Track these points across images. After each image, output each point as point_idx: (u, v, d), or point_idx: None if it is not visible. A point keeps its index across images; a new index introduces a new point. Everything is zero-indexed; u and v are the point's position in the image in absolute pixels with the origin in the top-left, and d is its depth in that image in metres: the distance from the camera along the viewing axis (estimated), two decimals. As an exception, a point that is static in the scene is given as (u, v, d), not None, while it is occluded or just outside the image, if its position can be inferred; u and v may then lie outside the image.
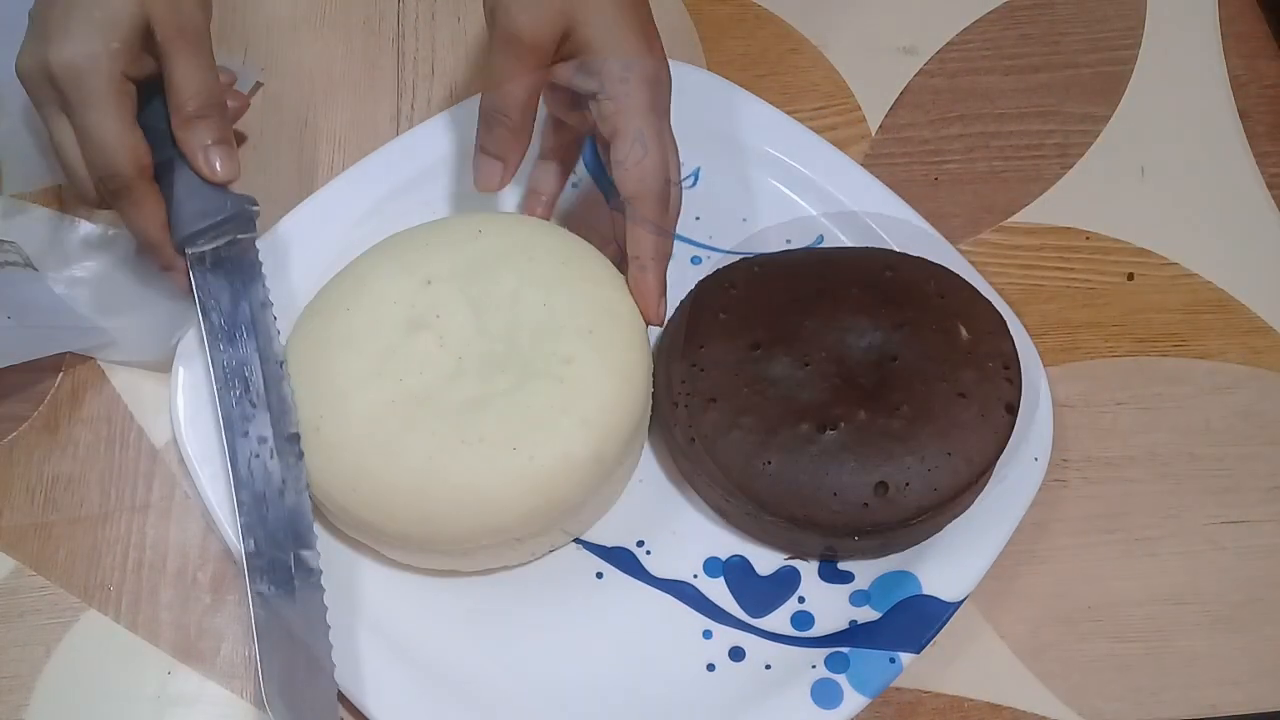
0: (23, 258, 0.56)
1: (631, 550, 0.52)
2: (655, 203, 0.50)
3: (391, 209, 0.57)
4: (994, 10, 0.68)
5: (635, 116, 0.49)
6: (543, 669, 0.49)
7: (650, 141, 0.49)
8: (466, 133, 0.60)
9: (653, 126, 0.50)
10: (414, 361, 0.49)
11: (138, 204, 0.50)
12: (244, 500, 0.48)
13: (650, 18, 0.52)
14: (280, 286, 0.55)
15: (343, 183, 0.58)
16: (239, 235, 0.53)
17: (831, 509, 0.48)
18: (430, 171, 0.59)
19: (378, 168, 0.59)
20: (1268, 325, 0.59)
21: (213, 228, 0.52)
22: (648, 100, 0.49)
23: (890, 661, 0.48)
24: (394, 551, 0.50)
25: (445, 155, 0.59)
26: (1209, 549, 0.53)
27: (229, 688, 0.50)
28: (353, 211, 0.58)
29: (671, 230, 0.52)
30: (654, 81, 0.50)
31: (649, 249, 0.51)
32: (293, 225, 0.57)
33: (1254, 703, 0.50)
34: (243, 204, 0.53)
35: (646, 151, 0.49)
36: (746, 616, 0.50)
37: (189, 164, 0.51)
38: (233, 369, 0.51)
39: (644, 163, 0.49)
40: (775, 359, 0.51)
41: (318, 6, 0.67)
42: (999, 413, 0.49)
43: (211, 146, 0.51)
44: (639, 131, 0.49)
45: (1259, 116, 0.65)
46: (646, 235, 0.50)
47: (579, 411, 0.48)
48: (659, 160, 0.50)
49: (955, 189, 0.62)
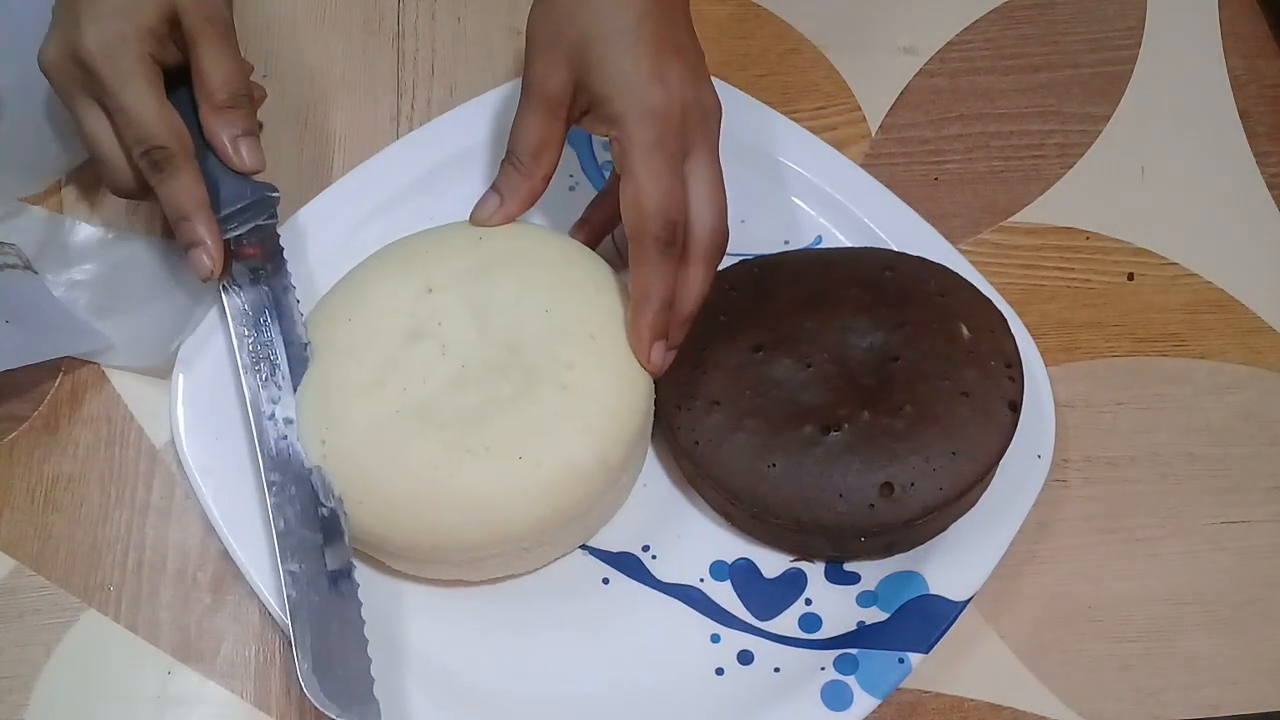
0: (23, 260, 0.56)
1: (637, 555, 0.52)
2: (648, 244, 0.48)
3: (391, 215, 0.57)
4: (994, 10, 0.68)
5: (633, 156, 0.47)
6: (550, 676, 0.49)
7: (646, 181, 0.47)
8: (467, 136, 0.60)
9: (652, 165, 0.47)
10: (417, 371, 0.49)
11: (177, 174, 0.50)
12: (273, 480, 0.49)
13: (674, 46, 0.49)
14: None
15: (341, 188, 0.58)
16: (261, 221, 0.53)
17: (837, 510, 0.48)
18: (431, 176, 0.59)
19: (377, 172, 0.59)
20: (1268, 325, 0.59)
21: (236, 214, 0.52)
22: (650, 138, 0.47)
23: (899, 662, 0.48)
24: (401, 563, 0.50)
25: (446, 159, 0.59)
26: (1209, 549, 0.53)
27: (229, 688, 0.50)
28: (351, 217, 0.58)
29: (670, 273, 0.48)
30: (659, 117, 0.47)
31: (639, 290, 0.49)
32: (289, 234, 0.56)
33: (1254, 703, 0.50)
34: (264, 191, 0.53)
35: (639, 191, 0.47)
36: (754, 619, 0.50)
37: (215, 153, 0.52)
38: (257, 352, 0.51)
39: (639, 202, 0.47)
40: (777, 361, 0.51)
41: (318, 6, 0.67)
42: (1002, 411, 0.49)
43: (240, 137, 0.52)
44: (634, 170, 0.47)
45: (1259, 116, 0.65)
46: (638, 276, 0.49)
47: (583, 418, 0.48)
48: (657, 200, 0.47)
49: (955, 189, 0.62)
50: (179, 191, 0.50)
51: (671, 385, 0.51)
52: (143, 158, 0.50)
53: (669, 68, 0.48)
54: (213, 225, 0.51)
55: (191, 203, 0.50)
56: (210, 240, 0.51)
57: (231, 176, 0.53)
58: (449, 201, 0.55)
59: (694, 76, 0.49)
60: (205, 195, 0.51)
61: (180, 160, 0.50)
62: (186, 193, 0.50)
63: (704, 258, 0.49)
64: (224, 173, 0.52)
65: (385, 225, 0.56)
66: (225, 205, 0.52)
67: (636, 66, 0.48)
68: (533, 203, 0.52)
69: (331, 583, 0.48)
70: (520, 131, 0.51)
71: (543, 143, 0.51)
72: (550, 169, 0.52)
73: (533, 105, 0.50)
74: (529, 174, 0.51)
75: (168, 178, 0.50)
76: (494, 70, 0.65)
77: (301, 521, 0.48)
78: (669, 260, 0.48)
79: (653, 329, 0.49)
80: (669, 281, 0.49)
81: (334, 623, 0.47)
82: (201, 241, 0.51)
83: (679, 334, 0.50)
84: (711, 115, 0.50)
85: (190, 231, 0.51)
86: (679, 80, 0.48)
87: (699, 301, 0.50)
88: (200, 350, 0.54)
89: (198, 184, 0.51)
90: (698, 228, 0.49)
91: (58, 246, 0.57)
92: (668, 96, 0.48)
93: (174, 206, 0.51)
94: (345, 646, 0.46)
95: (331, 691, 0.45)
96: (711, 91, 0.50)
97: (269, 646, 0.51)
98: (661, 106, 0.47)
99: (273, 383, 0.51)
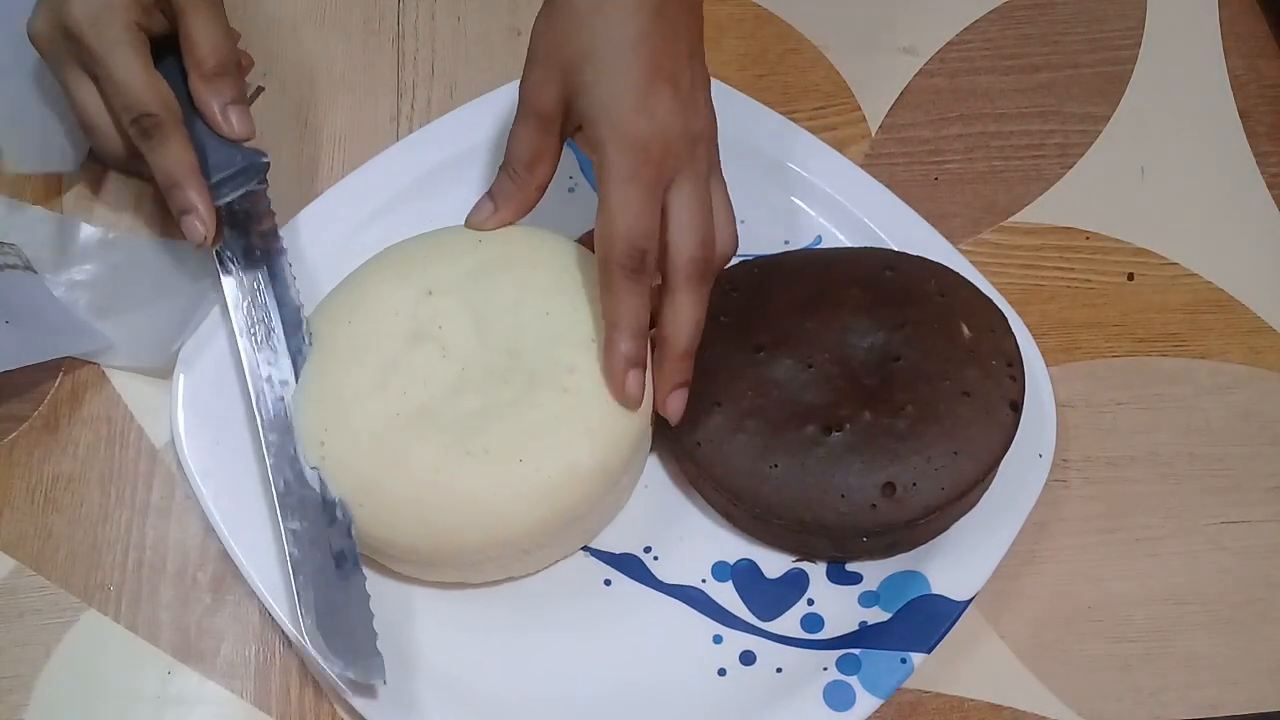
0: (23, 260, 0.56)
1: (639, 557, 0.52)
2: (613, 270, 0.47)
3: (390, 217, 0.57)
4: (994, 10, 0.68)
5: (608, 184, 0.46)
6: (553, 678, 0.49)
7: (615, 209, 0.46)
8: (466, 138, 0.60)
9: (624, 194, 0.46)
10: (417, 373, 0.49)
11: (167, 141, 0.51)
12: (271, 441, 0.50)
13: (667, 72, 0.47)
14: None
15: (340, 190, 0.58)
16: (252, 187, 0.54)
17: (839, 510, 0.48)
18: (430, 179, 0.59)
19: (377, 174, 0.58)
20: (1268, 325, 0.59)
21: (227, 181, 0.53)
22: (627, 168, 0.46)
23: (901, 662, 0.48)
24: (402, 565, 0.50)
25: (446, 161, 0.59)
26: (1209, 549, 0.53)
27: (229, 688, 0.50)
28: (351, 219, 0.58)
29: (638, 301, 0.47)
30: (639, 149, 0.46)
31: (608, 317, 0.48)
32: (289, 235, 0.56)
33: (1254, 703, 0.50)
34: (254, 157, 0.54)
35: (608, 219, 0.46)
36: (756, 620, 0.50)
37: (205, 121, 0.53)
38: (253, 316, 0.52)
39: (606, 229, 0.46)
40: (778, 361, 0.51)
41: (318, 6, 0.67)
42: (1004, 410, 0.49)
43: (229, 104, 0.53)
44: (607, 197, 0.46)
45: (1259, 116, 0.65)
46: (605, 303, 0.48)
47: (583, 421, 0.48)
48: (623, 228, 0.46)
49: (955, 189, 0.62)
50: (169, 158, 0.51)
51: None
52: (132, 125, 0.51)
53: (657, 96, 0.47)
54: (204, 191, 0.52)
55: (182, 169, 0.51)
56: (202, 206, 0.51)
57: (221, 144, 0.53)
58: (449, 204, 0.55)
59: (685, 104, 0.48)
60: (195, 162, 0.52)
61: (169, 128, 0.51)
62: (176, 160, 0.51)
63: (688, 284, 0.48)
64: (213, 140, 0.53)
65: (385, 227, 0.56)
66: (215, 172, 0.53)
67: (622, 94, 0.47)
68: (526, 212, 0.52)
69: (330, 542, 0.48)
70: (515, 142, 0.51)
71: (536, 155, 0.51)
72: (545, 180, 0.52)
73: (527, 118, 0.50)
74: (523, 184, 0.51)
75: (157, 145, 0.51)
76: (494, 70, 0.65)
77: (301, 482, 0.48)
78: (636, 286, 0.47)
79: (625, 357, 0.48)
80: (637, 308, 0.47)
81: (335, 579, 0.47)
82: (194, 207, 0.51)
83: (683, 371, 0.49)
84: (700, 141, 0.49)
85: (182, 198, 0.51)
86: (666, 110, 0.47)
87: (692, 331, 0.48)
88: (201, 351, 0.54)
89: (187, 151, 0.51)
90: (677, 255, 0.47)
91: (58, 246, 0.57)
92: (651, 127, 0.46)
93: (164, 173, 0.51)
94: (348, 601, 0.47)
95: (336, 647, 0.45)
96: (704, 115, 0.49)
97: (269, 646, 0.51)
98: (642, 138, 0.46)
99: (268, 345, 0.51)
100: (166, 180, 0.51)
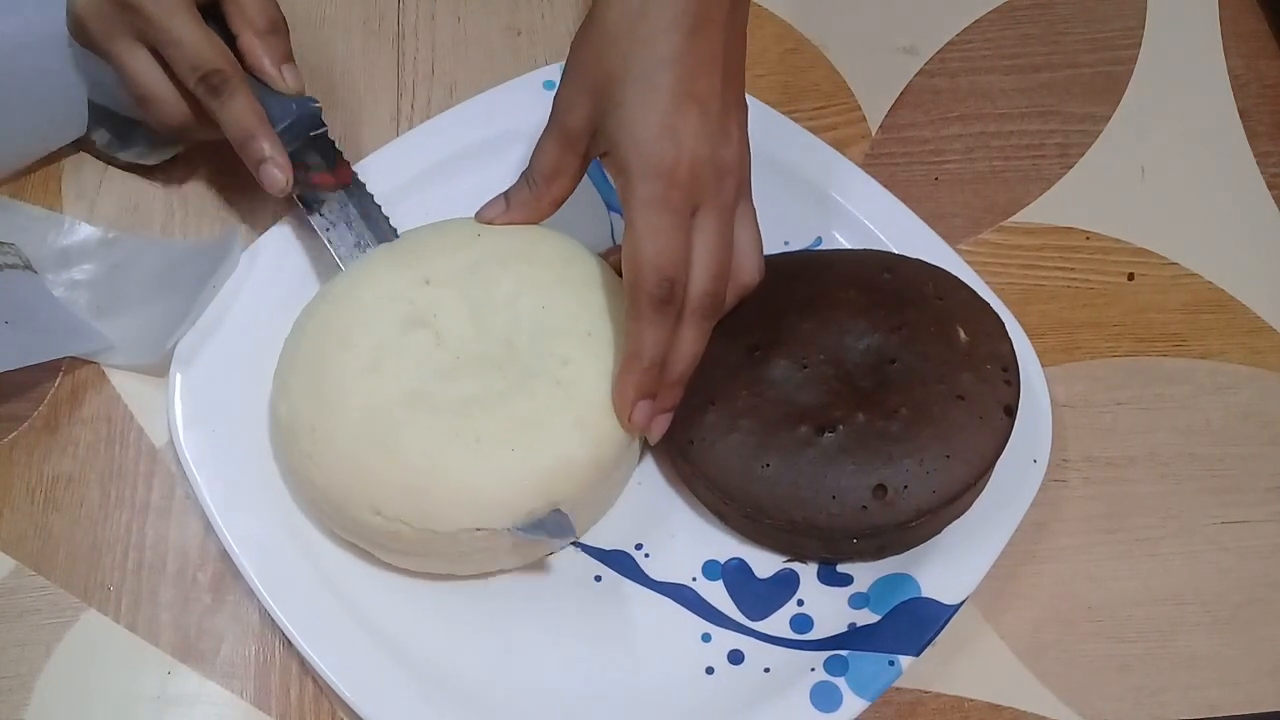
0: (22, 260, 0.56)
1: (630, 553, 0.52)
2: (642, 300, 0.46)
3: (390, 211, 0.57)
4: (994, 10, 0.68)
5: (634, 210, 0.46)
6: (540, 672, 0.49)
7: (644, 236, 0.45)
8: (466, 133, 0.60)
9: (651, 221, 0.45)
10: (410, 359, 0.49)
11: (235, 95, 0.52)
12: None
13: (698, 95, 0.46)
14: (278, 287, 0.55)
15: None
16: (314, 133, 0.56)
17: (830, 512, 0.48)
18: (430, 173, 0.59)
19: (377, 168, 0.58)
20: (1268, 325, 0.59)
21: (286, 130, 0.54)
22: (652, 194, 0.45)
23: (889, 664, 0.48)
24: (389, 554, 0.50)
25: (445, 157, 0.59)
26: (1209, 549, 0.53)
27: (229, 688, 0.50)
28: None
29: (665, 332, 0.47)
30: (664, 174, 0.45)
31: (631, 346, 0.47)
32: (290, 229, 0.57)
33: (1254, 703, 0.50)
34: (307, 104, 0.56)
35: (636, 247, 0.45)
36: (745, 619, 0.50)
37: (260, 76, 0.55)
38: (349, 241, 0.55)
39: (635, 257, 0.46)
40: (773, 361, 0.51)
41: (318, 6, 0.67)
42: (998, 415, 0.49)
43: (283, 61, 0.55)
44: (634, 224, 0.46)
45: (1259, 116, 0.65)
46: (631, 332, 0.47)
47: (576, 413, 0.48)
48: (652, 256, 0.45)
49: (955, 189, 0.62)
50: (240, 111, 0.53)
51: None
52: (199, 83, 0.52)
53: (684, 120, 0.46)
54: (276, 139, 0.53)
55: (254, 121, 0.53)
56: (278, 155, 0.53)
57: (273, 96, 0.55)
58: (448, 198, 0.55)
59: (715, 129, 0.47)
60: (264, 113, 0.53)
61: (236, 82, 0.53)
62: (247, 112, 0.53)
63: (693, 318, 0.47)
64: (266, 94, 0.55)
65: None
66: (276, 123, 0.54)
67: (648, 118, 0.45)
68: (537, 221, 0.52)
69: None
70: (538, 154, 0.51)
71: (556, 169, 0.50)
72: (562, 195, 0.52)
73: (553, 132, 0.50)
74: (539, 195, 0.51)
75: (228, 99, 0.52)
76: (494, 70, 0.65)
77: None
78: (664, 318, 0.46)
79: (638, 388, 0.47)
80: (661, 341, 0.47)
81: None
82: (270, 157, 0.53)
83: (672, 397, 0.49)
84: (728, 174, 0.47)
85: (257, 148, 0.53)
86: (693, 135, 0.46)
87: (690, 363, 0.48)
88: (198, 348, 0.54)
89: (255, 103, 0.53)
90: (692, 288, 0.47)
91: (58, 246, 0.58)
92: (676, 153, 0.45)
93: (238, 126, 0.53)
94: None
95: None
96: (734, 146, 0.48)
97: (269, 646, 0.51)
98: (668, 164, 0.45)
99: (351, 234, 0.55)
100: (241, 133, 0.53)
